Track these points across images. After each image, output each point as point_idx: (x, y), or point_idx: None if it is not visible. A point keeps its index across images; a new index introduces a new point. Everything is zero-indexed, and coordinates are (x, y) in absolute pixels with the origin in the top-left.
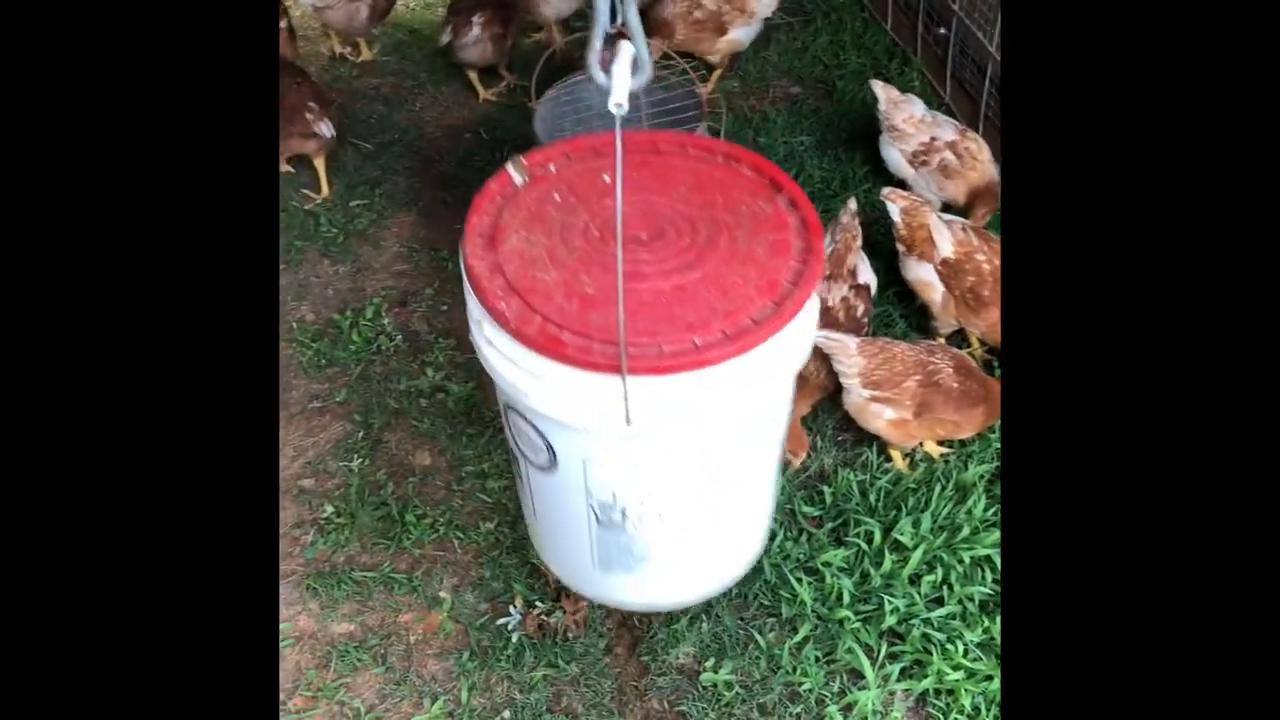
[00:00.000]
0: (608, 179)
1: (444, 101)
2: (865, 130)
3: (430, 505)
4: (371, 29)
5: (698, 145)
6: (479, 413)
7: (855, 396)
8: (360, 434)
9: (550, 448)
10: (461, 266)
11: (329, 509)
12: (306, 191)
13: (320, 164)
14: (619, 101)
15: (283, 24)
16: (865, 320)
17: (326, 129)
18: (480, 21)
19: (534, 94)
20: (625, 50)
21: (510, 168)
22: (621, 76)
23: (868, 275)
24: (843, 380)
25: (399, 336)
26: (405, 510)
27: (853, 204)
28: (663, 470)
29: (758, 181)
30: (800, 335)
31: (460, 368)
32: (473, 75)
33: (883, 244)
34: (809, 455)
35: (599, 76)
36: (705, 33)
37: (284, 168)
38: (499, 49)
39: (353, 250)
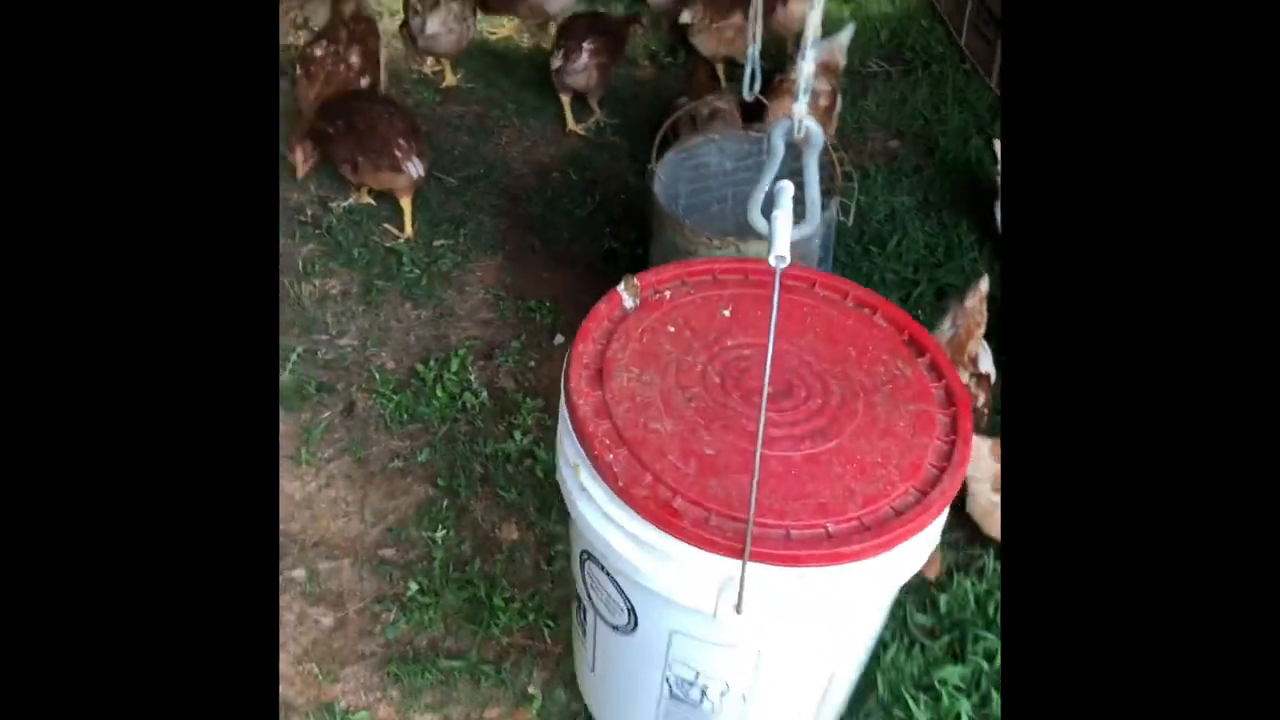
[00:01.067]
0: (728, 313)
1: (530, 136)
2: (970, 192)
3: (519, 587)
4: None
5: (827, 284)
6: None
7: (983, 500)
8: (444, 501)
9: (633, 612)
10: (563, 398)
11: (413, 585)
12: (389, 227)
13: (406, 203)
14: (780, 254)
15: (373, 47)
16: (985, 412)
17: (416, 168)
18: (590, 49)
19: (654, 155)
20: (787, 193)
21: (622, 289)
22: (784, 225)
23: (989, 364)
24: (970, 483)
25: (484, 393)
26: (493, 591)
27: (984, 285)
28: (762, 659)
29: (895, 337)
30: (940, 524)
31: (549, 432)
32: (566, 101)
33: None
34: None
35: (759, 222)
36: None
37: (365, 199)
38: (603, 78)
39: (436, 293)
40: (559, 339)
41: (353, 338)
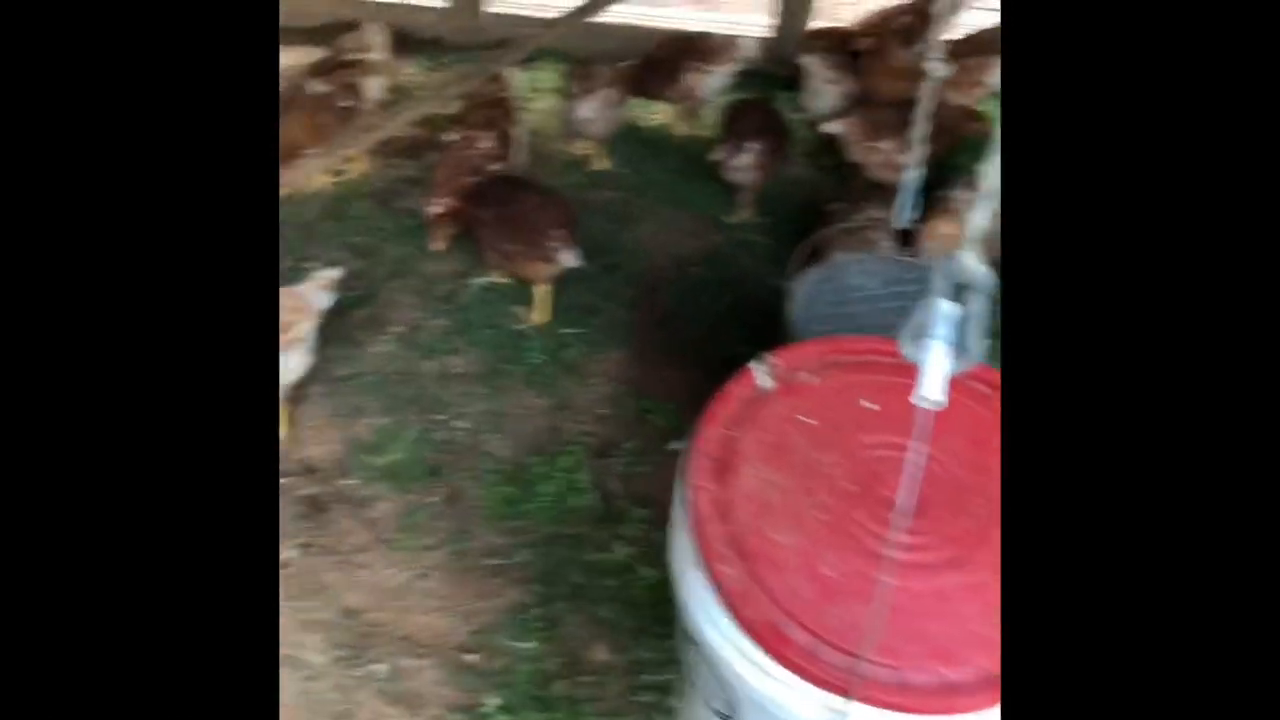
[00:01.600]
0: (870, 406)
1: (674, 227)
2: None
3: (603, 716)
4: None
5: (979, 376)
6: (668, 610)
7: None
8: (537, 609)
9: (734, 706)
10: (681, 486)
11: (492, 700)
12: (518, 311)
13: (544, 290)
14: (931, 397)
15: (511, 130)
16: None
17: (571, 258)
18: (756, 149)
19: (794, 267)
20: (945, 322)
21: (755, 368)
22: (938, 363)
23: None
24: None
25: (592, 495)
26: (575, 718)
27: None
28: None
29: None
30: None
31: (654, 548)
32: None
33: None
34: None
35: (907, 349)
36: None
37: (502, 278)
38: (765, 176)
39: (558, 383)
40: (674, 445)
41: (469, 421)
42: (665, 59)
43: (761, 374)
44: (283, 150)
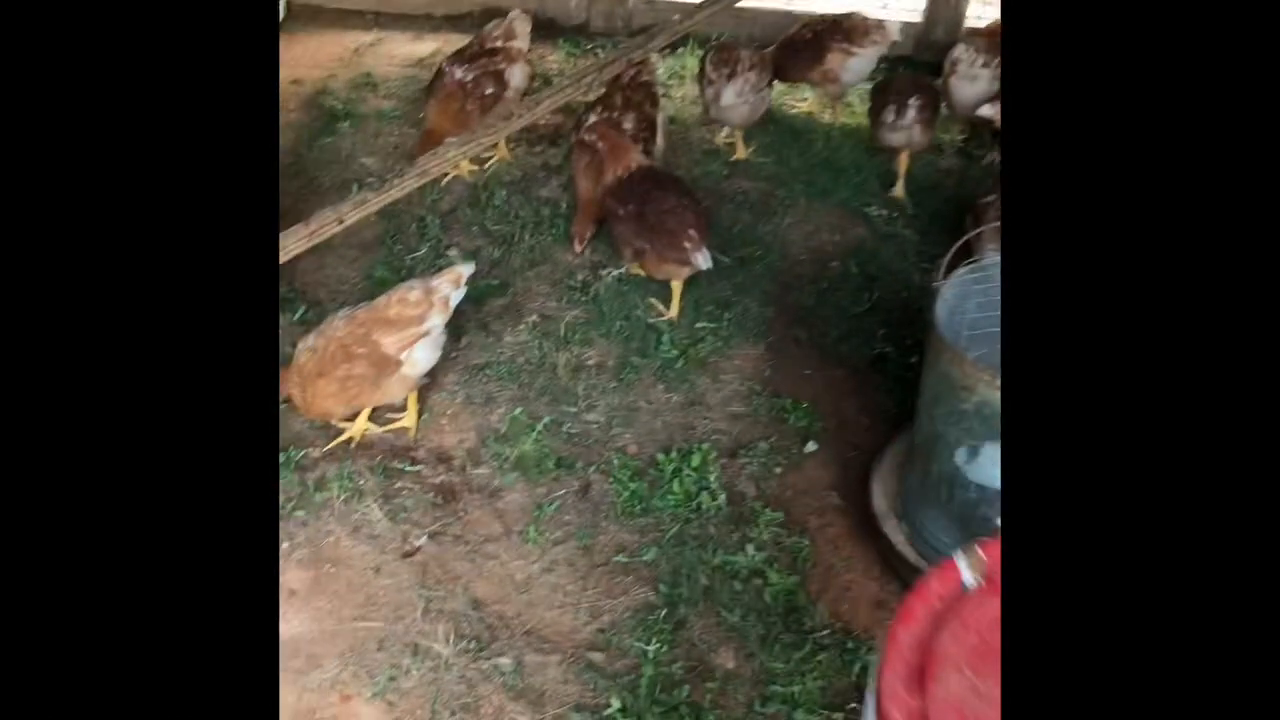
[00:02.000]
0: None
1: (815, 220)
2: None
3: None
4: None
5: None
6: (799, 618)
7: None
8: (663, 610)
9: None
10: (871, 693)
11: (616, 701)
12: (654, 302)
13: (678, 286)
14: None
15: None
16: None
17: (704, 260)
18: (918, 104)
19: (942, 272)
20: None
21: (960, 560)
22: None
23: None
24: None
25: (723, 496)
26: None
27: None
28: None
29: None
30: None
31: (785, 551)
32: (904, 160)
33: None
34: None
35: None
36: None
37: (636, 270)
38: (926, 135)
39: (689, 379)
40: (811, 446)
41: (600, 414)
42: (809, 40)
43: (967, 568)
44: (427, 136)
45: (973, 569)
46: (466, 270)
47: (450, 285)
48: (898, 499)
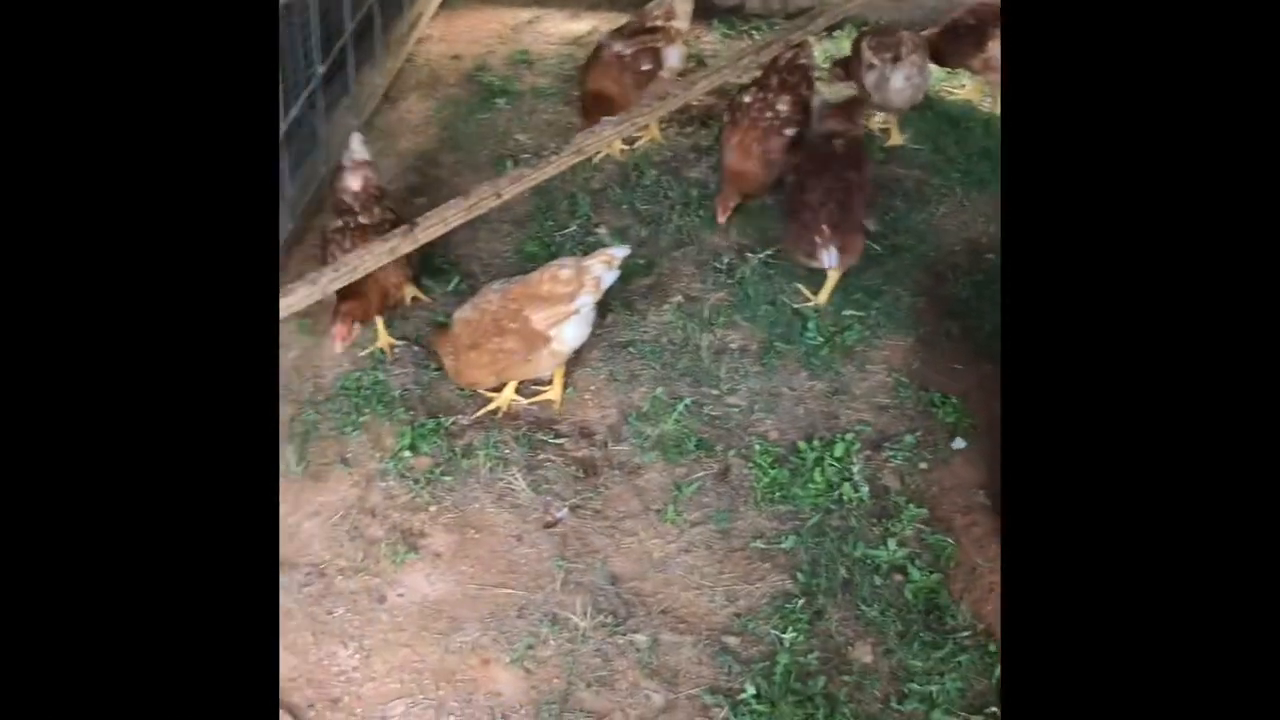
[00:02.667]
0: None
1: (971, 210)
2: None
3: (862, 719)
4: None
5: None
6: (940, 617)
7: None
8: (800, 600)
9: None
10: None
11: (750, 688)
12: (801, 288)
13: (835, 275)
14: None
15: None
16: None
17: (829, 258)
18: None
19: None
20: None
21: None
22: None
23: None
24: None
25: (865, 488)
26: (832, 717)
27: None
28: None
29: None
30: None
31: (928, 549)
32: None
33: None
34: None
35: None
36: None
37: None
38: None
39: (834, 367)
40: (959, 443)
41: (741, 397)
42: (972, 26)
43: None
44: (593, 100)
45: None
46: (620, 253)
47: (603, 266)
48: None
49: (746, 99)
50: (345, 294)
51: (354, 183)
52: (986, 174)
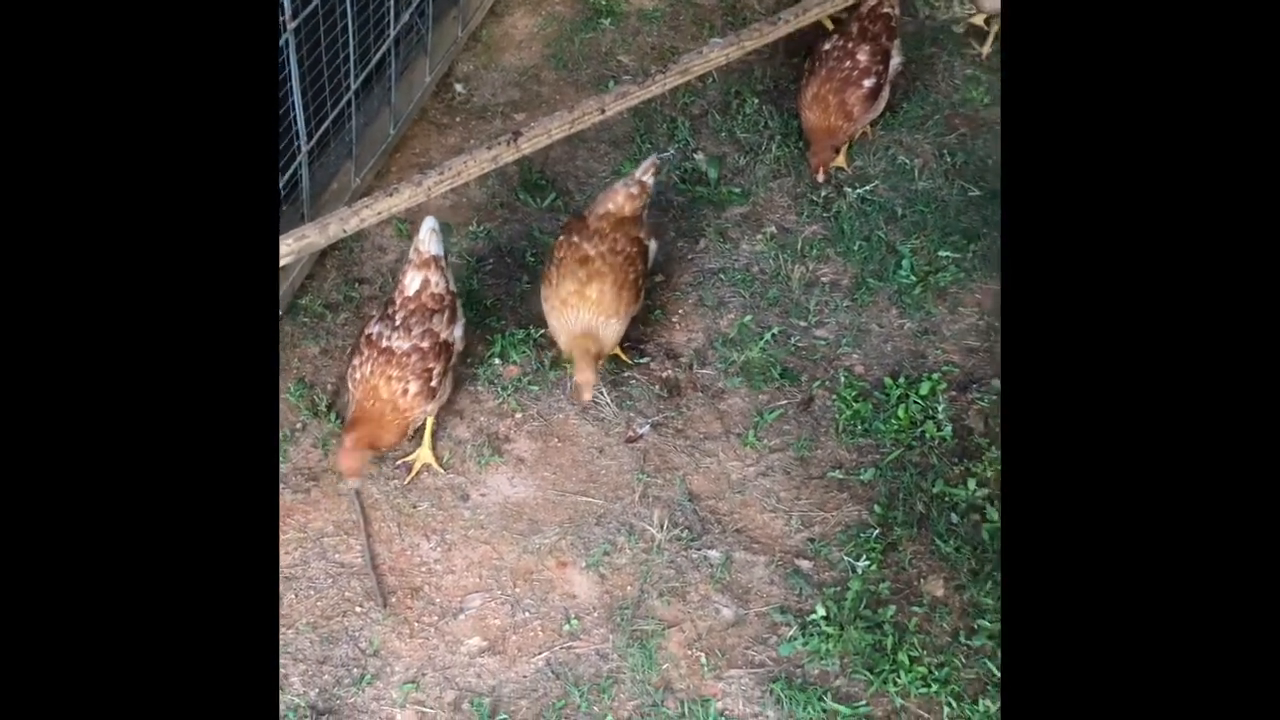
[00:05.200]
0: None
1: None
2: None
3: (930, 650)
4: None
5: None
6: None
7: None
8: (875, 530)
9: None
10: None
11: (820, 610)
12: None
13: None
14: None
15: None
16: None
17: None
18: None
19: None
20: None
21: None
22: None
23: None
24: None
25: (949, 428)
26: (900, 645)
27: None
28: None
29: None
30: None
31: None
32: None
33: None
34: None
35: None
36: None
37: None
38: None
39: (926, 306)
40: None
41: (829, 331)
42: None
43: None
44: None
45: None
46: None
47: (651, 174)
48: None
49: (826, 46)
50: None
51: (411, 283)
52: None
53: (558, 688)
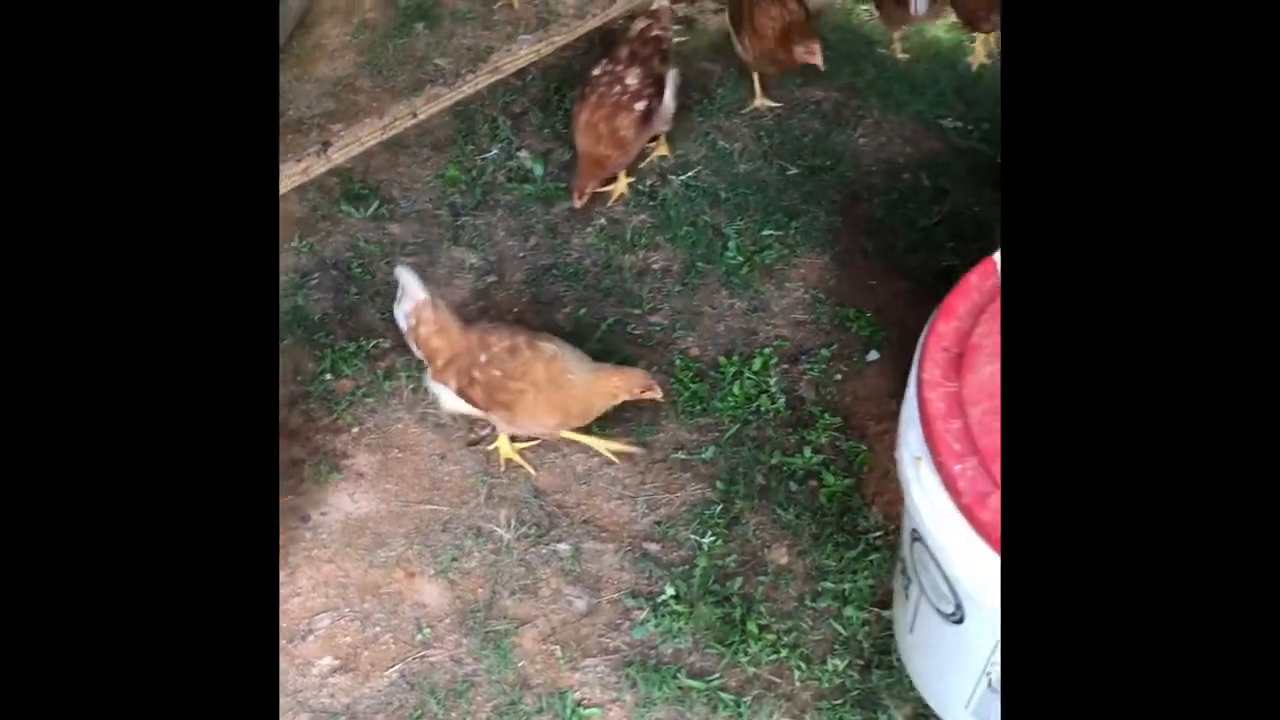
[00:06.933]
0: None
1: (888, 132)
2: None
3: (777, 617)
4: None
5: None
6: (853, 519)
7: None
8: (719, 506)
9: (960, 608)
10: (911, 383)
11: (669, 589)
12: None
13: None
14: None
15: None
16: None
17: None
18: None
19: None
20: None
21: (998, 259)
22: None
23: None
24: None
25: (782, 400)
26: (749, 615)
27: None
28: None
29: None
30: None
31: (842, 455)
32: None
33: None
34: None
35: None
36: None
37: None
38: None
39: (754, 285)
40: (873, 355)
41: (664, 316)
42: None
43: None
44: None
45: None
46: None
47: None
48: None
49: (596, 71)
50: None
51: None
52: (903, 96)
53: (414, 698)
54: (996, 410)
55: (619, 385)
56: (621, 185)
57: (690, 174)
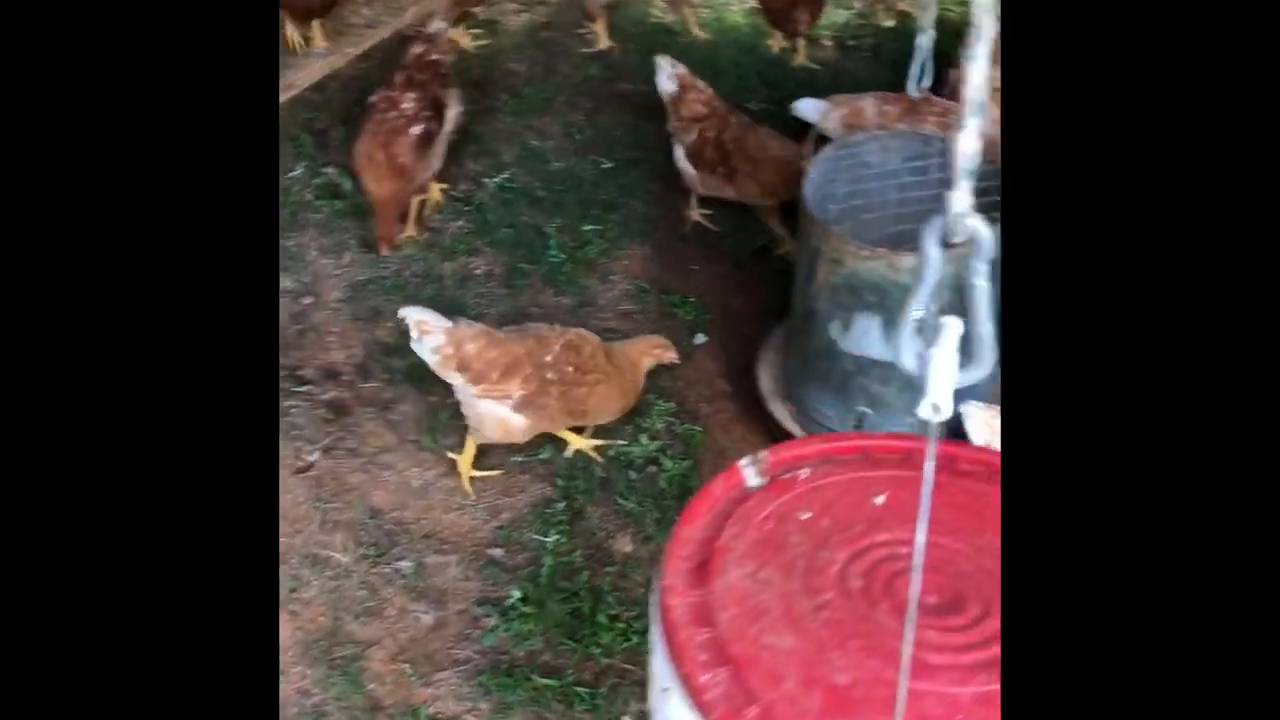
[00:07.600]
0: (880, 501)
1: None
2: None
3: (626, 605)
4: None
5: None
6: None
7: None
8: (561, 503)
9: None
10: (652, 599)
11: (516, 592)
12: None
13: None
14: (937, 403)
15: None
16: None
17: None
18: None
19: (812, 151)
20: (951, 332)
21: (745, 466)
22: (943, 369)
23: None
24: None
25: None
26: (598, 607)
27: None
28: None
29: None
30: None
31: (678, 439)
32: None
33: None
34: None
35: (907, 359)
36: None
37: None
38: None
39: (579, 281)
40: (700, 338)
41: (491, 321)
42: None
43: (751, 472)
44: None
45: (758, 470)
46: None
47: None
48: (782, 380)
49: (374, 98)
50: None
51: None
52: (708, 81)
53: None
54: (747, 616)
55: (645, 353)
56: (435, 193)
57: (505, 175)
